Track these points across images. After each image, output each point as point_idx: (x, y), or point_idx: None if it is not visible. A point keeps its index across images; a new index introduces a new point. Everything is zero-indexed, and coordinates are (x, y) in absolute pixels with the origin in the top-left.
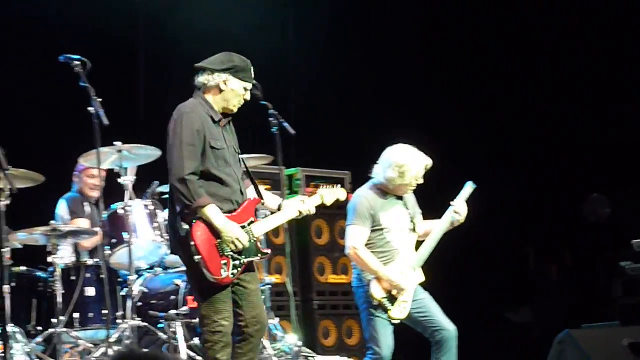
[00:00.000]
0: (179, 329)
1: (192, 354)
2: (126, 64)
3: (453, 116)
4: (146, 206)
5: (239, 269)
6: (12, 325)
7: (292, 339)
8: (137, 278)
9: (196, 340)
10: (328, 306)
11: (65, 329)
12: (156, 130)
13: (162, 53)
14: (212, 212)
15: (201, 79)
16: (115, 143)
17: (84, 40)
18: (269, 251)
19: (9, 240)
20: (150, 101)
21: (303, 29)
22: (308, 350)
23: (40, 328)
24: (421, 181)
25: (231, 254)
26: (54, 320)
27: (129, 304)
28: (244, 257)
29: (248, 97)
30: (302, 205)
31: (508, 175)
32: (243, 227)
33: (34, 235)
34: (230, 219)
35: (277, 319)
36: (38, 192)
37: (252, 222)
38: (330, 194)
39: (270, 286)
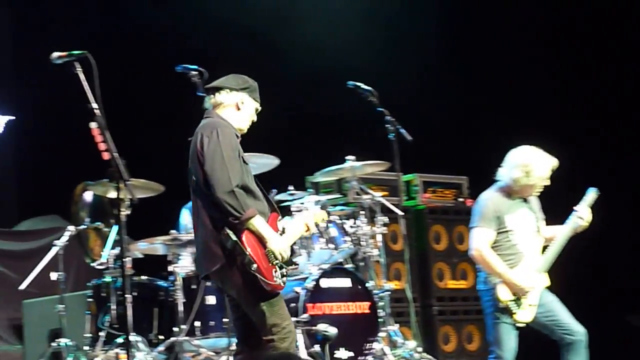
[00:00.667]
0: (299, 336)
1: None
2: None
3: (574, 121)
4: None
5: (285, 277)
6: (134, 334)
7: (412, 345)
8: None
9: (316, 347)
10: (448, 312)
11: (186, 338)
12: (272, 139)
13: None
14: (260, 222)
15: (219, 98)
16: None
17: (200, 51)
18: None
19: (130, 250)
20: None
21: (415, 32)
22: (428, 356)
23: (161, 337)
24: (547, 182)
25: (278, 262)
26: (175, 329)
27: None
28: (284, 266)
29: (255, 117)
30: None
31: (632, 177)
32: None
33: (155, 245)
34: None
35: (397, 325)
36: (158, 202)
37: (281, 234)
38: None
39: (389, 292)
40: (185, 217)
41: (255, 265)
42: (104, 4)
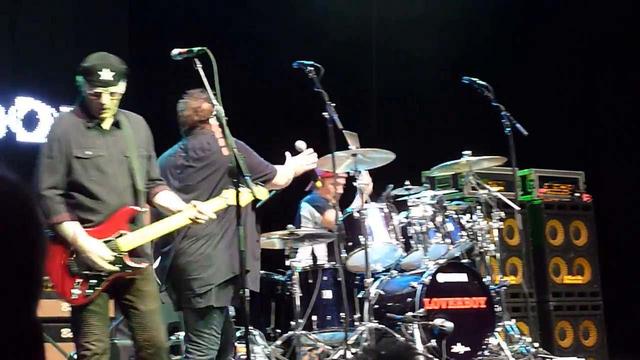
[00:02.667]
0: (415, 331)
1: (430, 356)
2: (359, 69)
3: None
4: (381, 209)
5: (98, 288)
6: (252, 328)
7: (528, 340)
8: (374, 281)
9: (433, 342)
10: (564, 307)
11: (303, 331)
12: (388, 133)
13: (394, 58)
14: (67, 229)
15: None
16: (349, 147)
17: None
18: (143, 265)
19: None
20: (382, 105)
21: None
22: (545, 352)
23: (279, 330)
24: None
25: (86, 272)
26: (293, 323)
27: (366, 306)
28: (105, 274)
29: (105, 100)
30: (192, 211)
31: None
32: (107, 242)
33: (272, 239)
34: (91, 233)
35: (514, 320)
36: (275, 196)
37: (121, 235)
38: (237, 195)
39: (505, 287)
40: (306, 210)
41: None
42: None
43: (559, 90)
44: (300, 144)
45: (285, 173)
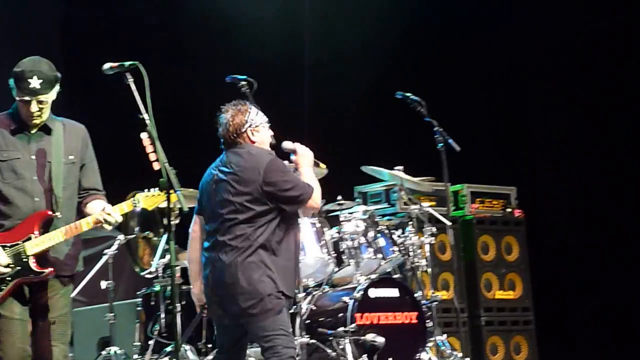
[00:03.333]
0: (347, 346)
1: None
2: (291, 84)
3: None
4: (313, 224)
5: (1, 292)
6: (183, 342)
7: (459, 356)
8: (305, 296)
9: (365, 357)
10: (495, 322)
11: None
12: (321, 148)
13: (326, 73)
14: None
15: None
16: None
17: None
18: (49, 270)
19: (180, 259)
20: (315, 120)
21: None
22: None
23: (210, 346)
24: None
25: None
26: None
27: (298, 321)
28: (9, 277)
29: (33, 108)
30: (100, 214)
31: None
32: (14, 245)
33: None
34: (1, 236)
35: (445, 335)
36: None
37: (29, 238)
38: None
39: (437, 302)
40: None
41: None
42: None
43: (491, 106)
44: (287, 144)
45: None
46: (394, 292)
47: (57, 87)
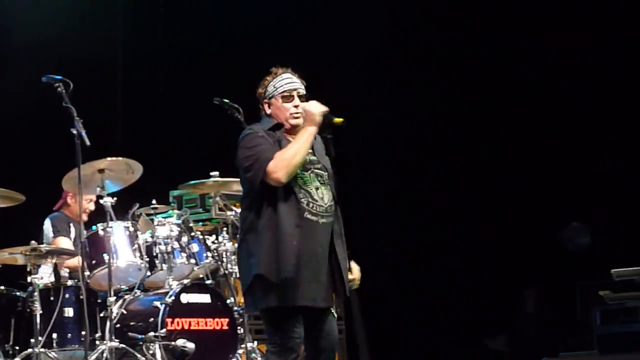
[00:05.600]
0: (157, 351)
1: None
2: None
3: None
4: (126, 228)
5: None
6: None
7: None
8: (117, 299)
9: None
10: None
11: (43, 349)
12: (136, 151)
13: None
14: None
15: None
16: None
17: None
18: None
19: None
20: (129, 122)
21: None
22: None
23: (17, 348)
24: None
25: None
26: (32, 340)
27: (108, 325)
28: None
29: None
30: None
31: (488, 202)
32: None
33: (14, 255)
34: None
35: (256, 342)
36: (18, 212)
37: None
38: None
39: None
40: (47, 226)
41: None
42: None
43: None
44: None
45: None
46: (206, 298)
47: None
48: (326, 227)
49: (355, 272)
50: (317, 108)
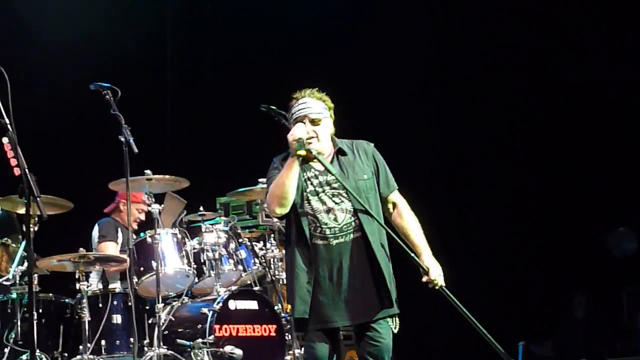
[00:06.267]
0: (205, 357)
1: None
2: (155, 91)
3: None
4: (174, 234)
5: None
6: (39, 351)
7: None
8: (165, 306)
9: None
10: (353, 336)
11: (91, 356)
12: (183, 159)
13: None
14: None
15: None
16: (145, 171)
17: (114, 68)
18: None
19: (38, 267)
20: (177, 130)
21: None
22: None
23: (66, 354)
24: None
25: None
26: (81, 347)
27: (156, 332)
28: None
29: None
30: None
31: (534, 208)
32: None
33: (63, 262)
34: None
35: (303, 349)
36: (67, 219)
37: None
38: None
39: None
40: (94, 231)
41: None
42: None
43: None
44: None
45: None
46: (253, 305)
47: None
48: (343, 245)
49: (431, 273)
50: (291, 137)
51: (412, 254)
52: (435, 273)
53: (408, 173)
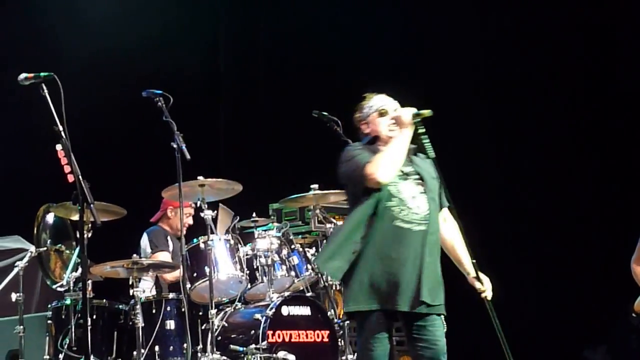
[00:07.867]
0: None
1: None
2: (209, 99)
3: None
4: (227, 241)
5: None
6: (93, 357)
7: None
8: (218, 312)
9: None
10: (406, 342)
11: None
12: (236, 165)
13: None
14: None
15: None
16: (198, 177)
17: (167, 75)
18: None
19: (91, 273)
20: (230, 136)
21: None
22: None
23: None
24: None
25: None
26: (135, 353)
27: (209, 337)
28: None
29: None
30: None
31: (590, 210)
32: None
33: (116, 269)
34: None
35: (356, 355)
36: (120, 226)
37: None
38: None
39: (349, 322)
40: (144, 241)
41: None
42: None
43: None
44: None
45: None
46: (306, 310)
47: None
48: (421, 234)
49: (486, 283)
50: (406, 111)
51: (473, 260)
52: (488, 285)
53: (460, 185)
